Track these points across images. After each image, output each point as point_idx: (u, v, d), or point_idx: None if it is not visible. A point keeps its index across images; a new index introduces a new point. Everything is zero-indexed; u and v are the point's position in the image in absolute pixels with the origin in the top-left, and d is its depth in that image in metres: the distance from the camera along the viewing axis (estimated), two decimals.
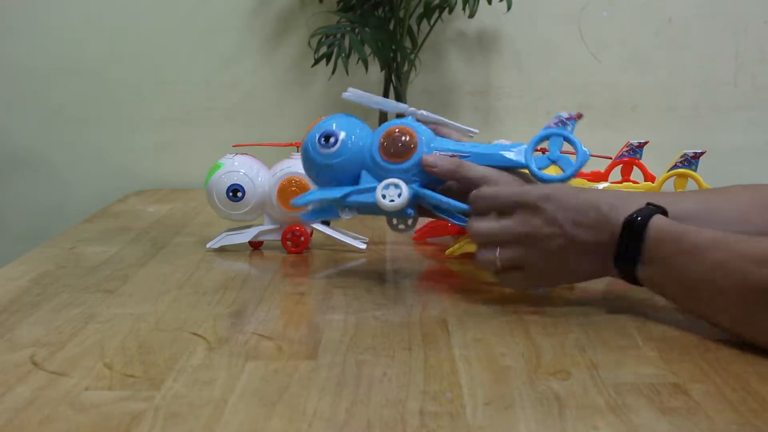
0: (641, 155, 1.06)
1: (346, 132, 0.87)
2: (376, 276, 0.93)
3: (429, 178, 0.85)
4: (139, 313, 0.78)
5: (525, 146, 0.85)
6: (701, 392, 0.60)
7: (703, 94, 1.56)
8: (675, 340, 0.71)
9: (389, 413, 0.56)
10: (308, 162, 0.88)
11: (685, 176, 1.02)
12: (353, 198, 0.86)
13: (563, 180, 0.82)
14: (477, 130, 0.93)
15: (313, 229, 1.03)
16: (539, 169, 0.83)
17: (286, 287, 0.89)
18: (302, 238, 1.02)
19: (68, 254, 1.01)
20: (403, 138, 0.85)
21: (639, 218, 0.73)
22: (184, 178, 1.54)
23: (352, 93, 0.90)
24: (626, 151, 1.06)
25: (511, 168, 0.84)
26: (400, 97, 1.43)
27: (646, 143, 1.06)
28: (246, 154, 1.03)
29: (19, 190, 1.59)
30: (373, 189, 0.84)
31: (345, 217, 0.88)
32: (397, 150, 0.85)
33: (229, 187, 1.00)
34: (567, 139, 0.84)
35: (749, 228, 0.78)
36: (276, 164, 1.02)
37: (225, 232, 1.03)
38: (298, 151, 1.04)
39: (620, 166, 1.06)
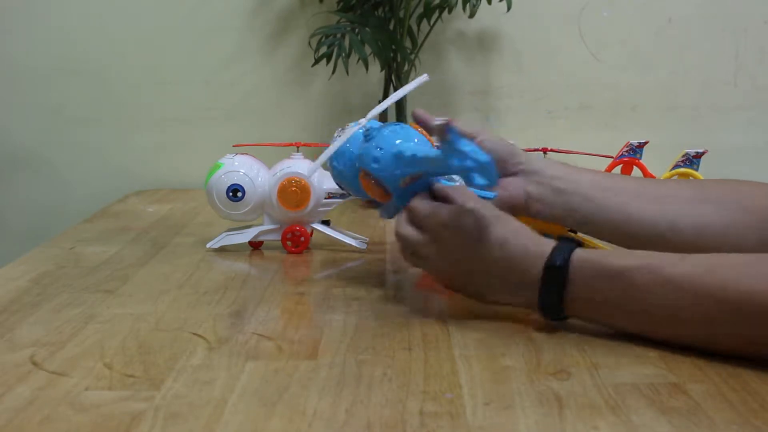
0: (641, 155, 1.06)
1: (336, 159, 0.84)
2: (376, 276, 0.93)
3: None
4: (139, 313, 0.78)
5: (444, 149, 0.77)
6: (701, 392, 0.60)
7: (703, 94, 1.56)
8: None
9: (389, 413, 0.56)
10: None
11: (686, 175, 1.02)
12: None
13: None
14: (426, 76, 0.88)
15: (313, 229, 1.03)
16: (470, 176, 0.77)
17: (286, 287, 0.89)
18: (302, 238, 1.02)
19: (68, 254, 1.01)
20: (371, 186, 0.80)
21: (562, 254, 0.70)
22: (184, 178, 1.53)
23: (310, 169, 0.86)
24: (626, 151, 1.06)
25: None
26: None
27: (646, 143, 1.06)
28: (246, 154, 1.03)
29: (19, 190, 1.59)
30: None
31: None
32: (378, 194, 0.81)
33: (229, 187, 1.00)
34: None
35: (747, 217, 0.79)
36: (276, 164, 1.02)
37: (225, 232, 1.03)
38: (298, 151, 1.04)
39: (620, 166, 1.06)
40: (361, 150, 0.81)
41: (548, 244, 0.72)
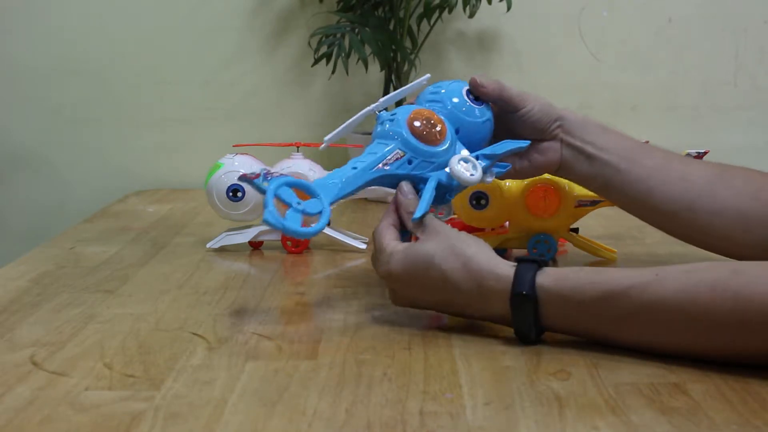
0: None
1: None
2: (376, 276, 0.93)
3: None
4: (139, 313, 0.78)
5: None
6: (701, 392, 0.60)
7: (703, 94, 1.56)
8: None
9: (389, 413, 0.56)
10: None
11: None
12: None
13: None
14: (428, 75, 0.88)
15: None
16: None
17: (286, 287, 0.89)
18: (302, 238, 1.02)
19: (68, 254, 1.01)
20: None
21: (524, 288, 0.67)
22: (184, 178, 1.54)
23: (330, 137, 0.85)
24: None
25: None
26: None
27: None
28: (246, 154, 1.03)
29: (19, 190, 1.59)
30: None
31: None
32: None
33: (229, 187, 1.00)
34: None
35: (758, 204, 0.80)
36: (276, 164, 1.02)
37: (225, 232, 1.03)
38: (298, 151, 1.04)
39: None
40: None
41: (509, 269, 0.69)
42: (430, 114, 0.80)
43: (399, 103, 0.96)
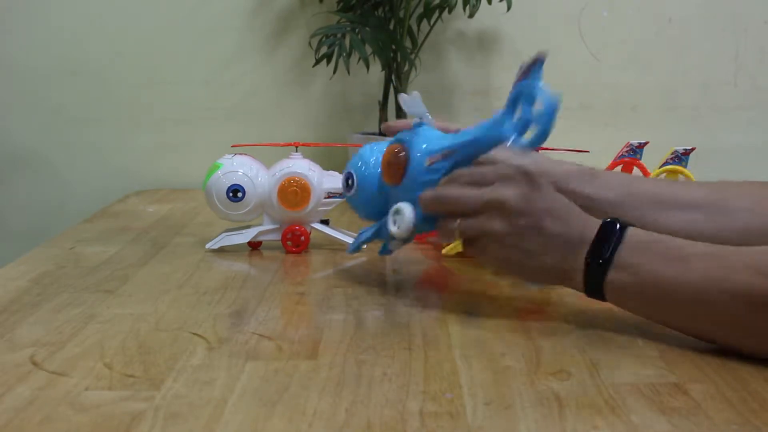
0: (641, 156, 1.06)
1: (359, 168, 0.86)
2: (376, 276, 0.93)
3: (433, 185, 0.79)
4: (139, 313, 0.78)
5: (501, 113, 0.79)
6: (701, 392, 0.60)
7: (703, 94, 1.56)
8: (675, 340, 0.71)
9: (389, 413, 0.56)
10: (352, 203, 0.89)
11: (675, 173, 1.02)
12: (384, 231, 0.82)
13: (540, 137, 0.79)
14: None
15: (312, 228, 1.03)
16: (519, 135, 0.78)
17: (286, 287, 0.89)
18: (302, 238, 1.02)
19: (68, 254, 1.01)
20: (393, 159, 0.81)
21: (617, 223, 0.71)
22: (184, 178, 1.54)
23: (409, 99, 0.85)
24: (626, 152, 1.06)
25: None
26: None
27: (646, 143, 1.06)
28: (245, 154, 1.03)
29: (19, 190, 1.59)
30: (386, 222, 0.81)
31: (394, 249, 0.86)
32: (389, 173, 0.81)
33: (229, 188, 1.00)
34: (534, 91, 0.79)
35: (758, 219, 0.78)
36: (275, 164, 1.02)
37: (224, 232, 1.03)
38: (297, 151, 1.04)
39: (621, 166, 1.06)
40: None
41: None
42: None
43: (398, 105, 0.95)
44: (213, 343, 0.70)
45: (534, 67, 0.77)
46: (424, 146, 0.80)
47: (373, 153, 0.87)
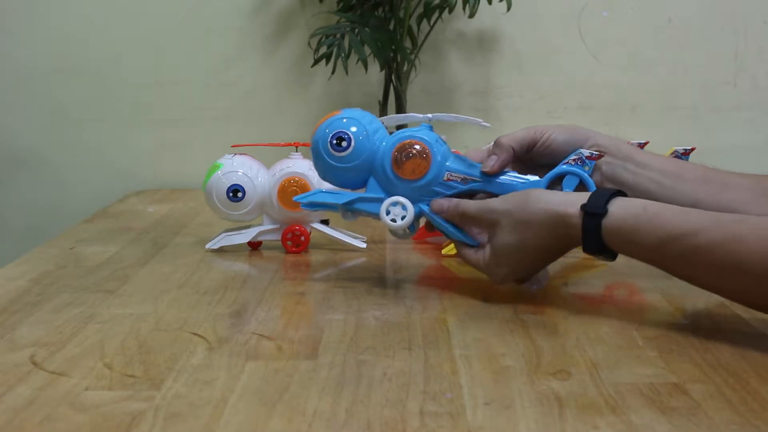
0: None
1: (358, 134, 0.85)
2: (376, 276, 0.93)
3: (438, 197, 0.84)
4: (139, 313, 0.78)
5: (539, 180, 0.84)
6: (701, 392, 0.60)
7: (703, 94, 1.56)
8: (675, 340, 0.71)
9: (389, 413, 0.56)
10: (319, 161, 0.87)
11: None
12: (358, 205, 0.86)
13: None
14: (489, 125, 0.92)
15: (312, 228, 1.03)
16: None
17: (286, 287, 0.89)
18: (302, 238, 1.02)
19: (68, 254, 1.01)
20: (418, 155, 0.84)
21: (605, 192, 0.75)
22: (184, 178, 1.53)
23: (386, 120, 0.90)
24: None
25: None
26: (400, 97, 1.43)
27: (646, 143, 1.06)
28: (244, 154, 1.03)
29: (19, 190, 1.59)
30: (379, 200, 0.84)
31: (346, 219, 0.88)
32: (409, 166, 0.84)
33: (229, 188, 1.00)
34: (583, 180, 0.83)
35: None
36: (275, 164, 1.02)
37: (224, 232, 1.03)
38: (297, 151, 1.04)
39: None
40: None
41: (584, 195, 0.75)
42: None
43: (399, 105, 0.95)
44: (213, 343, 0.70)
45: (592, 160, 0.82)
46: (448, 163, 0.84)
47: (372, 123, 0.86)
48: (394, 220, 0.84)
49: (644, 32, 1.55)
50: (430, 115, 0.88)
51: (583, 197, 0.75)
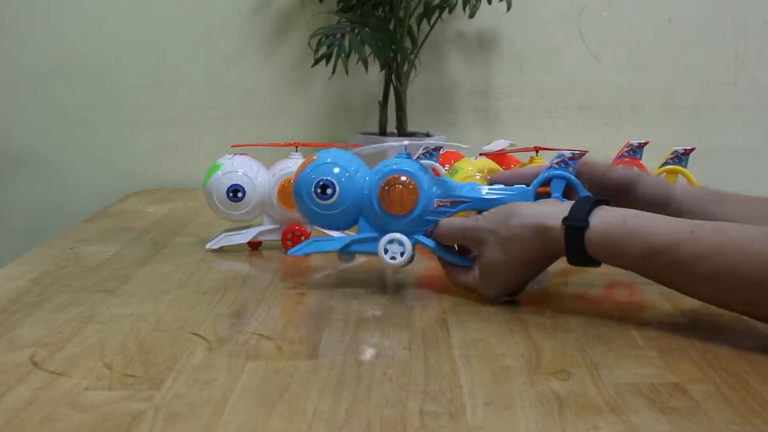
0: (641, 156, 1.06)
1: (342, 178, 0.84)
2: (376, 276, 0.93)
3: (431, 226, 0.84)
4: (139, 313, 0.78)
5: (527, 189, 0.84)
6: (701, 392, 0.60)
7: (703, 94, 1.56)
8: (675, 340, 0.71)
9: (389, 413, 0.56)
10: (304, 209, 0.87)
11: (675, 173, 1.02)
12: (354, 248, 0.86)
13: None
14: (467, 145, 0.93)
15: (312, 228, 1.03)
16: None
17: (286, 287, 0.89)
18: (302, 238, 1.02)
19: (68, 254, 1.01)
20: (405, 189, 0.83)
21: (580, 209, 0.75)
22: (184, 178, 1.53)
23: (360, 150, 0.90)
24: (626, 152, 1.06)
25: None
26: (400, 97, 1.43)
27: (646, 143, 1.06)
28: (244, 154, 1.03)
29: (19, 190, 1.59)
30: (374, 239, 0.84)
31: (342, 261, 0.90)
32: (398, 202, 0.83)
33: (229, 188, 1.00)
34: (570, 182, 0.83)
35: None
36: (275, 164, 1.02)
37: (224, 232, 1.03)
38: (297, 151, 1.04)
39: (621, 166, 1.06)
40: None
41: (567, 205, 0.76)
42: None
43: (399, 105, 0.95)
44: (213, 343, 0.70)
45: (574, 160, 0.83)
46: (434, 189, 0.84)
47: (352, 163, 0.85)
48: (393, 258, 0.83)
49: (644, 32, 1.55)
50: (406, 142, 0.87)
51: (565, 208, 0.75)
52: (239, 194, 1.00)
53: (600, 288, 0.88)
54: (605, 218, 0.73)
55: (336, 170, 0.84)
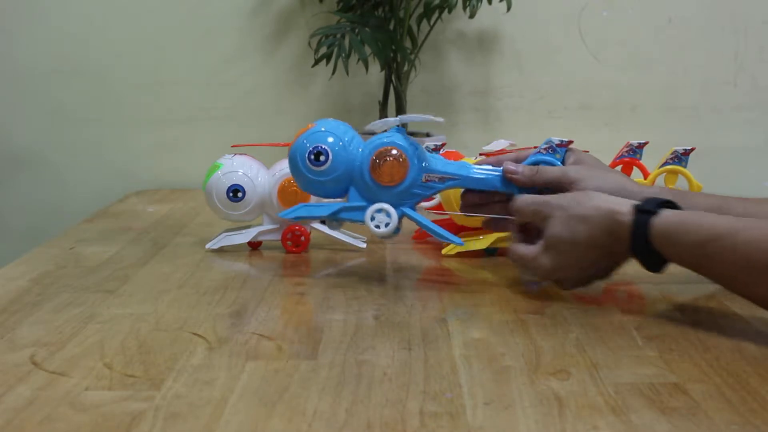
0: (641, 156, 1.06)
1: (336, 146, 0.86)
2: (376, 276, 0.93)
3: (418, 199, 0.87)
4: (139, 313, 0.78)
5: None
6: (701, 392, 0.60)
7: (703, 94, 1.56)
8: (675, 340, 0.71)
9: (389, 413, 0.56)
10: (298, 175, 0.89)
11: (675, 173, 1.02)
12: (342, 215, 0.87)
13: None
14: (442, 119, 0.91)
15: (312, 228, 1.03)
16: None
17: (286, 287, 0.89)
18: (302, 238, 1.02)
19: (68, 254, 1.01)
20: (395, 161, 0.85)
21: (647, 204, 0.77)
22: (184, 178, 1.53)
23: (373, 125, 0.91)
24: (626, 152, 1.06)
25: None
26: (400, 97, 1.43)
27: (646, 143, 1.06)
28: (244, 154, 1.03)
29: (19, 190, 1.59)
30: (362, 208, 0.86)
31: (331, 228, 0.91)
32: (388, 173, 0.85)
33: (229, 188, 1.00)
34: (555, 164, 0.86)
35: None
36: (275, 164, 1.02)
37: (224, 232, 1.03)
38: None
39: (620, 166, 1.06)
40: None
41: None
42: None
43: (399, 105, 0.95)
44: (213, 343, 0.70)
45: (562, 147, 0.87)
46: (424, 164, 0.86)
47: (347, 134, 0.88)
48: (378, 227, 0.86)
49: (644, 32, 1.55)
50: (406, 117, 0.90)
51: (637, 201, 0.78)
52: (239, 194, 1.00)
53: (600, 288, 0.88)
54: (673, 210, 0.76)
55: (330, 139, 0.87)
